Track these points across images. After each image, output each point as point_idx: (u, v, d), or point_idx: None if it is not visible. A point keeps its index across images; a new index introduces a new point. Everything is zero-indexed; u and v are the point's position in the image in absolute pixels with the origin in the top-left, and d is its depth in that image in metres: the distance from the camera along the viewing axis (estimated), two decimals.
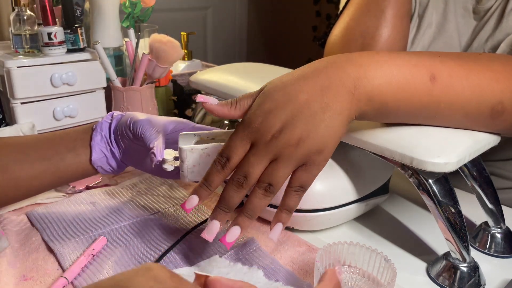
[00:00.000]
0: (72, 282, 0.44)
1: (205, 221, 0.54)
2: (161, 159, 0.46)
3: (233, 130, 0.42)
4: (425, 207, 0.59)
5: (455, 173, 0.45)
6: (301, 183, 0.40)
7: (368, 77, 0.41)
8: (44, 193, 0.61)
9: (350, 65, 0.41)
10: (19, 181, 0.48)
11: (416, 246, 0.52)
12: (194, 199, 0.42)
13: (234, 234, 0.41)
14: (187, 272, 0.45)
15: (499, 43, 0.61)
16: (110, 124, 0.52)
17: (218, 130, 0.49)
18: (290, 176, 0.41)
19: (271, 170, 0.40)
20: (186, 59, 0.98)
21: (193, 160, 0.43)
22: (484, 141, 0.45)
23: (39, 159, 0.49)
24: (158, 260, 0.46)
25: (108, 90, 0.75)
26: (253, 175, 0.40)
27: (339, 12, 0.68)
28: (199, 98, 0.45)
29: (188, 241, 0.50)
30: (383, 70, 0.42)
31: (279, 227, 0.42)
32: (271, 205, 0.49)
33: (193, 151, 0.43)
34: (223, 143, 0.43)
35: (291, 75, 0.42)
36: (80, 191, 0.61)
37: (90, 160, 0.51)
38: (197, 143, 0.47)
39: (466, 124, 0.45)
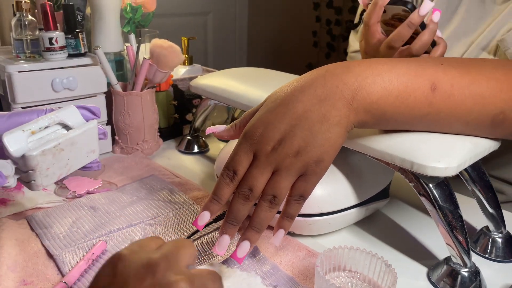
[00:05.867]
0: (71, 287, 0.44)
1: (206, 226, 0.53)
2: None
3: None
4: (425, 211, 0.59)
5: (456, 177, 0.45)
6: (301, 192, 0.41)
7: (366, 87, 0.40)
8: (44, 197, 0.61)
9: (348, 74, 0.41)
10: None
11: (416, 251, 0.52)
12: (206, 215, 0.43)
13: (244, 249, 0.42)
14: None
15: None
16: None
17: (40, 109, 0.39)
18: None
19: (273, 182, 0.41)
20: (186, 64, 0.98)
21: (47, 163, 0.35)
22: (484, 145, 0.45)
23: None
24: None
25: (109, 95, 0.75)
26: (257, 187, 0.41)
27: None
28: (208, 131, 0.48)
29: None
30: (383, 78, 0.41)
31: (281, 233, 0.43)
32: None
33: (45, 153, 0.35)
34: (74, 131, 0.35)
35: (290, 86, 0.43)
36: (80, 196, 0.61)
37: None
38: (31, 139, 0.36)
39: (466, 132, 0.45)
